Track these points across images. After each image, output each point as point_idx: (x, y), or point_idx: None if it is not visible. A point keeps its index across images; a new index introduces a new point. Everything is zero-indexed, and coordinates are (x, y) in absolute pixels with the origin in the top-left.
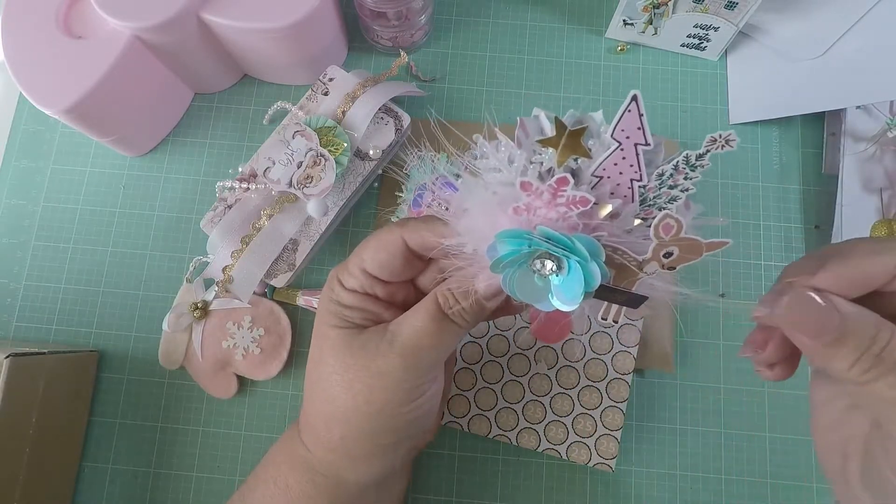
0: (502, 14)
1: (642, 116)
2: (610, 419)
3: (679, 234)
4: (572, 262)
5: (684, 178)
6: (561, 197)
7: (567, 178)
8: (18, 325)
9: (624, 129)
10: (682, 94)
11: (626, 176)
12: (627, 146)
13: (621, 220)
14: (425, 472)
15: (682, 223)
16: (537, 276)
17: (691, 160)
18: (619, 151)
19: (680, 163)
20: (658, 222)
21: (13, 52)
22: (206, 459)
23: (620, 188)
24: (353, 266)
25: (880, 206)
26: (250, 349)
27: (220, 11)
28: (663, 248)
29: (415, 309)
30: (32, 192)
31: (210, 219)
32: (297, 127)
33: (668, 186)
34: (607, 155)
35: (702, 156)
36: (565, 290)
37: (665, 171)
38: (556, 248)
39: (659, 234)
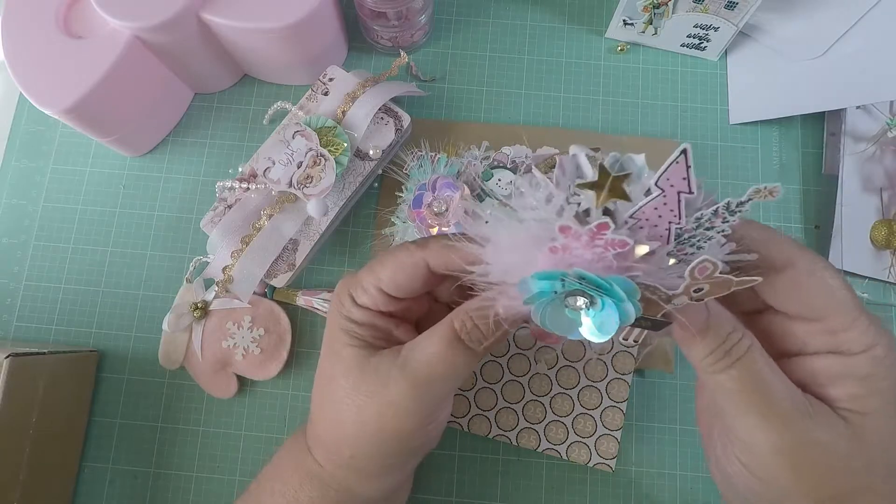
0: (502, 14)
1: (689, 168)
2: (610, 419)
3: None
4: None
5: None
6: (599, 240)
7: (608, 224)
8: (18, 325)
9: (669, 178)
10: (682, 94)
11: (664, 219)
12: (670, 194)
13: (656, 260)
14: (425, 472)
15: (718, 266)
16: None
17: (732, 207)
18: (662, 197)
19: (720, 209)
20: (695, 265)
21: (13, 52)
22: (206, 459)
23: (657, 229)
24: (367, 283)
25: (880, 206)
26: (250, 349)
27: (220, 11)
28: (695, 285)
29: (429, 333)
30: (32, 192)
31: (210, 219)
32: (297, 127)
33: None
34: (648, 201)
35: (742, 203)
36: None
37: (703, 216)
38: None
39: (695, 275)
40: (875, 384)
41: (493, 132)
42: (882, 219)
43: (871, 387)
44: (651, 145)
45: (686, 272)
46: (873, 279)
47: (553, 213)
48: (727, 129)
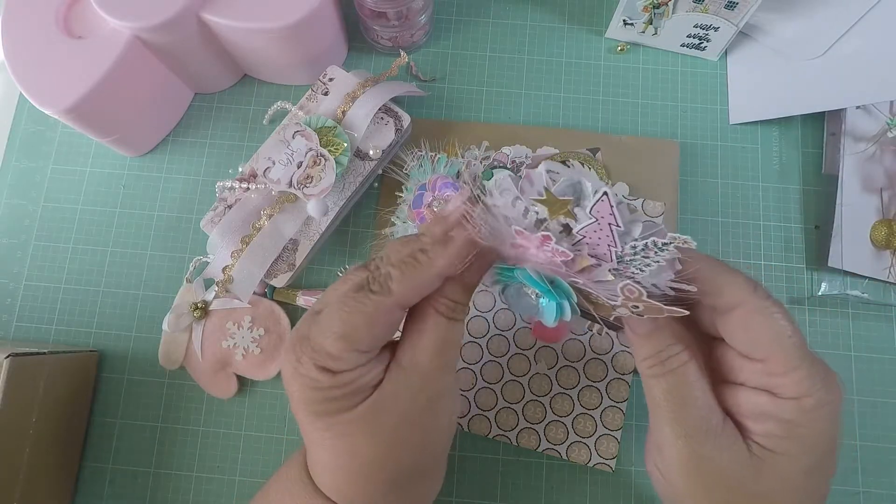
0: (502, 14)
1: (613, 207)
2: (610, 419)
3: (641, 298)
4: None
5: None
6: (546, 247)
7: (550, 237)
8: (18, 325)
9: (599, 212)
10: (682, 94)
11: (604, 242)
12: (602, 224)
13: (597, 273)
14: None
15: (642, 292)
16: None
17: (658, 244)
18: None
19: (649, 244)
20: (622, 286)
21: (13, 52)
22: (206, 459)
23: (600, 248)
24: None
25: (880, 206)
26: (250, 349)
27: (220, 11)
28: (629, 303)
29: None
30: (32, 192)
31: (210, 219)
32: (297, 127)
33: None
34: (585, 225)
35: (666, 244)
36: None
37: (637, 245)
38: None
39: (624, 293)
40: (794, 430)
41: (493, 132)
42: (882, 219)
43: (789, 431)
44: (651, 145)
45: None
46: (873, 279)
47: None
48: (727, 129)
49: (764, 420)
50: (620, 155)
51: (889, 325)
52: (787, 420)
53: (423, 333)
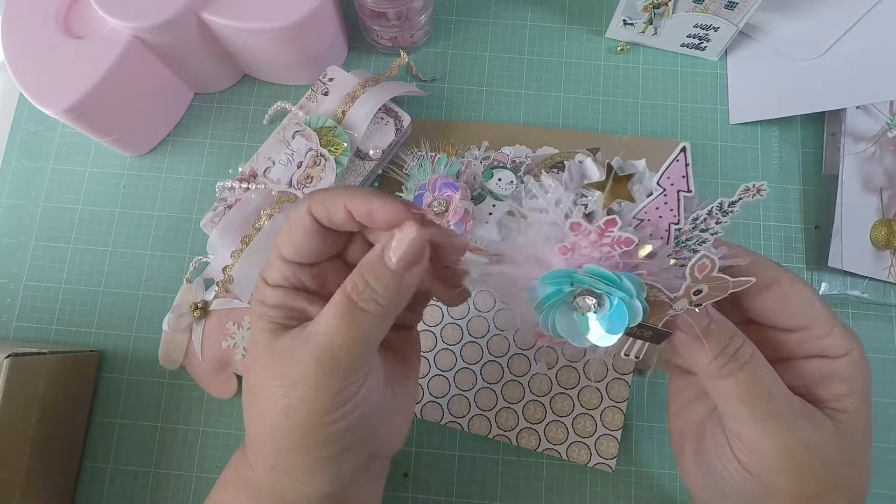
0: (502, 14)
1: (688, 166)
2: (610, 419)
3: (712, 272)
4: (615, 298)
5: (716, 223)
6: (607, 237)
7: (615, 220)
8: (18, 325)
9: (670, 177)
10: (682, 94)
11: (664, 220)
12: (671, 193)
13: (658, 260)
14: (425, 471)
15: (716, 262)
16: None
17: (724, 207)
18: (663, 197)
19: (714, 209)
20: (695, 262)
21: (13, 52)
22: (206, 459)
23: (658, 231)
24: (273, 257)
25: (880, 205)
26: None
27: (220, 11)
28: (694, 286)
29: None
30: (32, 192)
31: (210, 219)
32: (297, 127)
33: (701, 230)
34: (650, 200)
35: (734, 203)
36: (607, 325)
37: (699, 216)
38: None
39: (694, 273)
40: (854, 384)
41: (493, 132)
42: (882, 219)
43: (851, 387)
44: (651, 145)
45: (686, 270)
46: (873, 279)
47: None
48: (727, 129)
49: (828, 383)
50: (620, 155)
51: (889, 325)
52: (846, 376)
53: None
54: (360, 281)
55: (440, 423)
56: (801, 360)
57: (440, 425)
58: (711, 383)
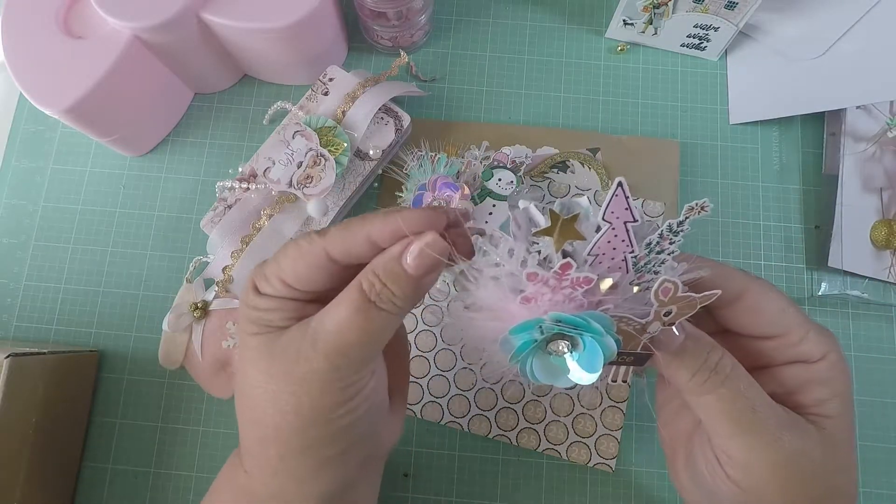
0: (502, 14)
1: (629, 198)
2: (610, 419)
3: (676, 294)
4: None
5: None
6: (566, 280)
7: (570, 263)
8: (18, 325)
9: (613, 212)
10: (682, 94)
11: (619, 251)
12: (618, 225)
13: (621, 290)
14: (425, 471)
15: (678, 284)
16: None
17: (674, 227)
18: (611, 230)
19: (664, 231)
20: (657, 287)
21: (13, 52)
22: (206, 459)
23: (615, 262)
24: (270, 272)
25: (880, 206)
26: None
27: (220, 11)
28: (663, 309)
29: (338, 299)
30: (32, 192)
31: (210, 219)
32: (297, 127)
33: (656, 252)
34: (600, 236)
35: (681, 223)
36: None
37: (652, 241)
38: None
39: (659, 297)
40: (835, 388)
41: (493, 132)
42: (882, 219)
43: (833, 390)
44: (651, 145)
45: (651, 295)
46: (873, 279)
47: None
48: (727, 129)
49: (809, 388)
50: (620, 155)
51: (889, 325)
52: (826, 380)
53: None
54: (377, 282)
55: (440, 423)
56: (779, 367)
57: (440, 425)
58: (694, 399)
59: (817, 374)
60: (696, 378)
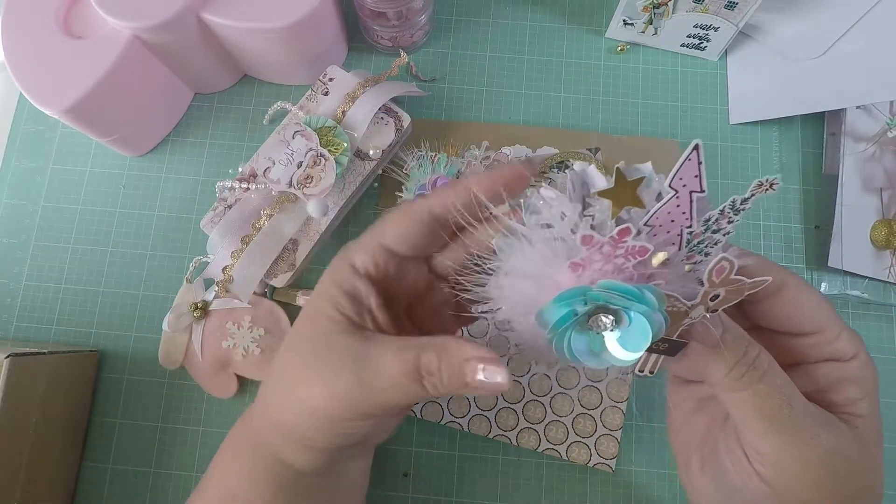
0: (502, 14)
1: (701, 165)
2: (610, 419)
3: (731, 275)
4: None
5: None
6: (620, 248)
7: (629, 228)
8: (18, 325)
9: (682, 178)
10: (682, 94)
11: (676, 224)
12: (683, 194)
13: (673, 267)
14: (425, 471)
15: (734, 264)
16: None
17: (737, 205)
18: (675, 199)
19: (726, 208)
20: (713, 266)
21: (13, 52)
22: (206, 459)
23: (669, 236)
24: (368, 241)
25: (880, 206)
26: (250, 349)
27: (220, 11)
28: (712, 291)
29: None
30: (32, 192)
31: (210, 219)
32: (297, 127)
33: (712, 231)
34: (662, 204)
35: (746, 200)
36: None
37: (711, 217)
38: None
39: (712, 277)
40: (866, 387)
41: (493, 132)
42: (882, 219)
43: (864, 389)
44: (651, 145)
45: (705, 275)
46: (873, 279)
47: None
48: (727, 129)
49: (842, 387)
50: (620, 155)
51: (889, 325)
52: (858, 379)
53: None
54: (435, 366)
55: (440, 423)
56: (812, 365)
57: (440, 425)
58: (728, 395)
59: (850, 372)
60: (733, 373)
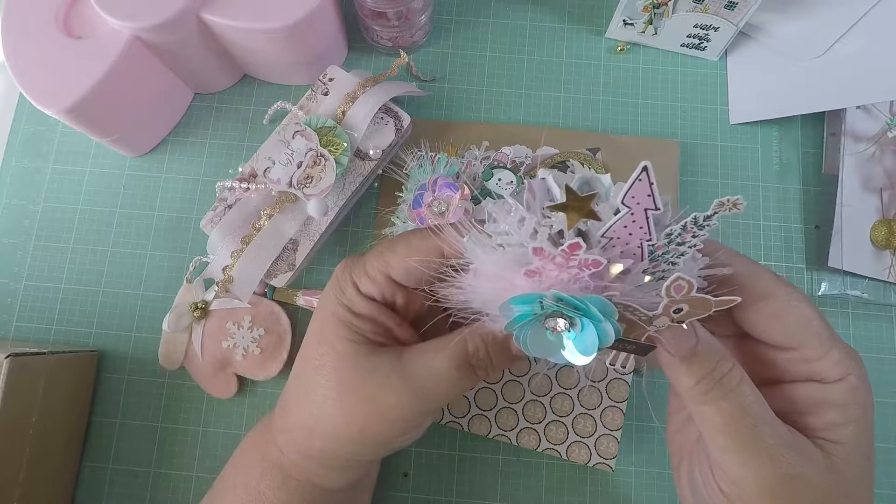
0: (502, 14)
1: (652, 185)
2: (610, 419)
3: (690, 293)
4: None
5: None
6: (573, 260)
7: (579, 244)
8: (18, 325)
9: (634, 196)
10: (682, 94)
11: (635, 237)
12: (637, 211)
13: (631, 278)
14: (425, 471)
15: (693, 284)
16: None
17: (699, 221)
18: (630, 216)
19: (688, 223)
20: (670, 283)
21: (13, 52)
22: (206, 459)
23: (630, 247)
24: (374, 270)
25: (880, 206)
26: (250, 349)
27: (220, 11)
28: (673, 305)
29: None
30: (32, 192)
31: (210, 219)
32: (297, 127)
33: (677, 244)
34: (616, 220)
35: (709, 217)
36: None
37: (673, 231)
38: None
39: (670, 292)
40: (850, 413)
41: (493, 132)
42: (882, 219)
43: (847, 415)
44: (651, 145)
45: (662, 290)
46: (873, 279)
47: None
48: (727, 129)
49: (821, 411)
50: (620, 155)
51: (889, 325)
52: (841, 404)
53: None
54: (483, 349)
55: (440, 423)
56: (792, 384)
57: (440, 425)
58: (694, 408)
59: (832, 395)
60: (699, 386)
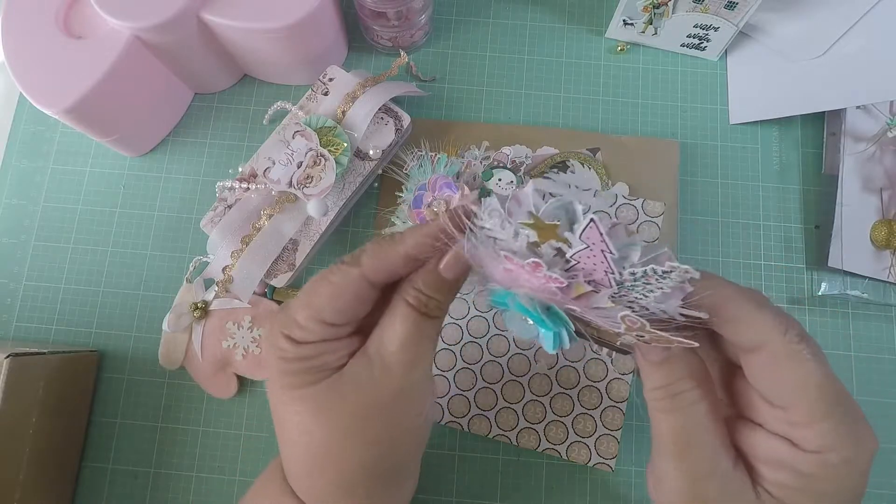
0: (502, 14)
1: (602, 235)
2: (610, 419)
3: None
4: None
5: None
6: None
7: (539, 264)
8: (18, 325)
9: (588, 238)
10: (682, 94)
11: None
12: (595, 250)
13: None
14: (425, 471)
15: (644, 324)
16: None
17: (658, 272)
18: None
19: (648, 271)
20: (622, 316)
21: (13, 52)
22: (206, 459)
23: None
24: (303, 318)
25: (880, 206)
26: (250, 349)
27: (220, 11)
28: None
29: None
30: (32, 192)
31: (210, 219)
32: (297, 127)
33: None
34: (576, 251)
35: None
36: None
37: (637, 273)
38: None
39: (626, 323)
40: (812, 484)
41: (493, 132)
42: (882, 219)
43: (806, 485)
44: (651, 145)
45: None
46: (873, 279)
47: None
48: (727, 129)
49: (780, 469)
50: (620, 155)
51: (889, 325)
52: (805, 474)
53: (391, 324)
54: (422, 294)
55: (440, 423)
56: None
57: (440, 425)
58: (650, 411)
59: (799, 462)
60: (657, 392)
